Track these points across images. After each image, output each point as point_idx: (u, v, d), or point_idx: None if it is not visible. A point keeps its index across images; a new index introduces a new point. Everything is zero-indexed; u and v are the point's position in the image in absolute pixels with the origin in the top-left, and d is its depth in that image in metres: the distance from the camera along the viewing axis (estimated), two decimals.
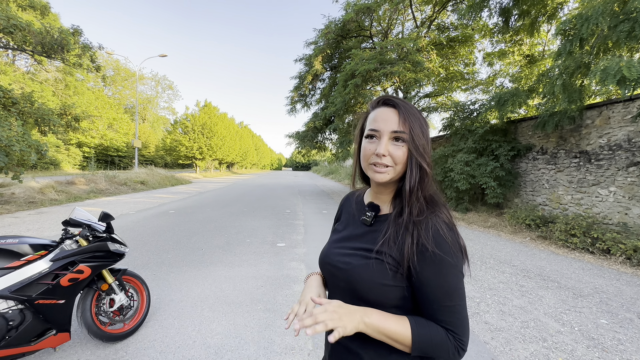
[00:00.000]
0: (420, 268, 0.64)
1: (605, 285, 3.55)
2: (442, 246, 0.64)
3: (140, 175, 15.52)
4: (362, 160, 0.73)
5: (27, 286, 1.75)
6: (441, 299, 0.64)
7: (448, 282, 0.64)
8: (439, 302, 0.64)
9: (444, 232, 0.65)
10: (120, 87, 40.59)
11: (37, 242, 1.92)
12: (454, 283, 0.64)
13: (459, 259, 0.65)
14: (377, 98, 0.74)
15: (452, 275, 0.64)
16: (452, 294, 0.64)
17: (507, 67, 11.61)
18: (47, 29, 8.16)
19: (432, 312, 0.65)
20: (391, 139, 0.69)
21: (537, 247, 5.29)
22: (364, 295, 0.68)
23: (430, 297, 0.65)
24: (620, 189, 5.32)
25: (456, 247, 0.65)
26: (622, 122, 5.34)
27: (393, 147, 0.68)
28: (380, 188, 0.76)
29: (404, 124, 0.68)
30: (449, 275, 0.64)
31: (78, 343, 2.15)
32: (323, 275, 0.85)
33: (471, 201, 8.32)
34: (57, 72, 21.97)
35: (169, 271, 3.63)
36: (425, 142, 0.69)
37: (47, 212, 7.41)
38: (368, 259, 0.69)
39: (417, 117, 0.70)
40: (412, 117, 0.69)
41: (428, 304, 0.65)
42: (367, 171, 0.72)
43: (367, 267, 0.68)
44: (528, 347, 2.27)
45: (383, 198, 0.77)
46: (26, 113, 7.87)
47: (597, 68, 3.74)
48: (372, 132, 0.70)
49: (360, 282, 0.68)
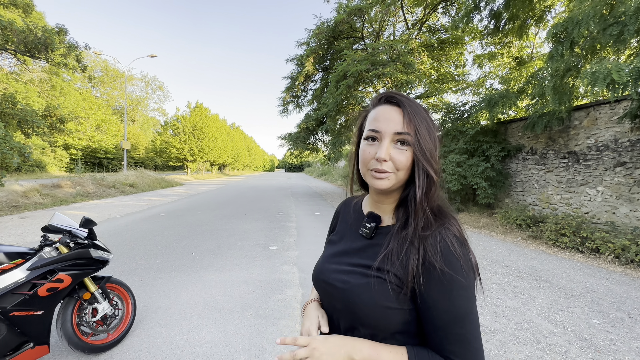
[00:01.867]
0: (426, 289, 0.56)
1: (595, 285, 3.59)
2: (452, 264, 0.55)
3: (129, 177, 15.21)
4: (361, 165, 0.65)
5: (1, 297, 1.65)
6: (450, 325, 0.55)
7: (458, 305, 0.55)
8: (447, 329, 0.55)
9: (454, 248, 0.56)
10: (109, 88, 39.85)
11: (13, 250, 1.82)
12: (465, 307, 0.55)
13: (471, 278, 0.57)
14: (379, 94, 0.65)
15: (463, 297, 0.55)
16: (462, 319, 0.55)
17: (496, 69, 11.78)
18: (30, 27, 7.92)
19: (438, 340, 0.56)
20: (394, 141, 0.60)
21: (528, 247, 5.34)
22: (363, 318, 0.61)
23: (437, 323, 0.56)
24: (607, 188, 5.41)
25: (468, 264, 0.57)
26: (609, 122, 5.44)
27: (395, 150, 0.60)
28: (381, 196, 0.68)
29: (409, 124, 0.59)
30: (459, 298, 0.55)
31: (58, 355, 2.05)
32: (318, 293, 0.76)
33: (463, 202, 8.38)
34: (42, 72, 21.39)
35: (157, 277, 3.52)
36: (433, 147, 0.61)
37: (30, 216, 7.17)
38: (368, 277, 0.61)
39: (425, 117, 0.62)
40: (419, 117, 0.60)
41: (434, 330, 0.57)
42: (365, 177, 0.64)
43: (367, 287, 0.61)
44: (522, 350, 2.26)
45: (384, 207, 0.69)
46: (8, 114, 7.62)
47: (586, 72, 3.79)
48: (373, 133, 0.62)
49: (359, 304, 0.61)
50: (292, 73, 14.04)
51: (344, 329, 0.66)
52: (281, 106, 15.03)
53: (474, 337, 0.56)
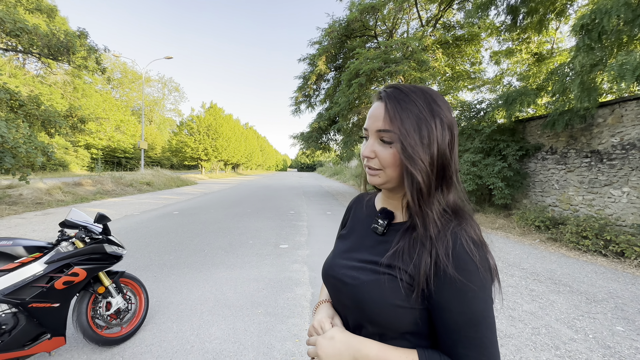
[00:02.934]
0: (439, 290, 0.54)
1: (620, 290, 3.41)
2: (467, 266, 0.53)
3: (146, 176, 15.63)
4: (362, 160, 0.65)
5: (21, 289, 1.71)
6: (463, 328, 0.52)
7: (473, 308, 0.52)
8: (461, 332, 0.52)
9: (470, 249, 0.53)
10: (128, 90, 41.10)
11: (32, 244, 1.89)
12: (481, 310, 0.52)
13: (488, 281, 0.54)
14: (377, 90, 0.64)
15: (478, 300, 0.52)
16: (477, 323, 0.52)
17: (514, 65, 11.39)
18: (53, 31, 8.25)
19: (451, 343, 0.53)
20: (379, 138, 0.59)
21: (547, 249, 5.14)
22: (373, 316, 0.59)
23: (450, 326, 0.53)
24: (634, 189, 5.14)
25: (485, 266, 0.54)
26: (636, 120, 5.17)
27: (380, 148, 0.59)
28: (388, 192, 0.67)
29: (390, 121, 0.57)
30: (474, 300, 0.52)
31: (74, 347, 2.11)
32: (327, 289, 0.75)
33: (478, 202, 8.16)
34: (65, 75, 22.31)
35: (170, 273, 3.59)
36: (419, 142, 0.56)
37: (53, 213, 7.47)
38: (378, 274, 0.59)
39: (413, 109, 0.57)
40: (406, 111, 0.57)
41: (447, 333, 0.54)
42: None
43: (377, 284, 0.59)
44: (540, 356, 2.16)
45: (395, 203, 0.67)
46: (33, 115, 7.96)
47: (613, 64, 3.59)
48: (364, 131, 0.63)
49: (369, 301, 0.59)
50: (304, 72, 14.05)
51: (353, 327, 0.65)
52: (293, 105, 15.06)
53: (490, 341, 0.52)
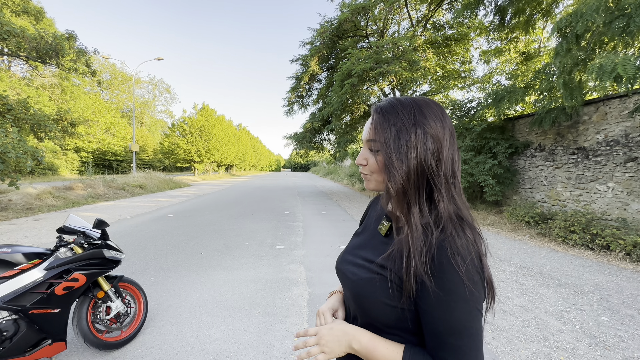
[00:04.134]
0: (424, 295, 0.56)
1: (605, 282, 3.54)
2: (451, 276, 0.54)
3: (138, 179, 15.47)
4: None
5: (21, 296, 1.72)
6: (444, 334, 0.54)
7: (455, 317, 0.53)
8: (442, 338, 0.55)
9: (456, 261, 0.54)
10: (117, 91, 40.52)
11: (31, 250, 1.90)
12: (463, 319, 0.53)
13: (475, 292, 0.54)
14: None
15: (461, 309, 0.53)
16: (459, 332, 0.53)
17: (503, 64, 11.61)
18: (41, 34, 8.13)
19: (433, 345, 0.56)
20: (368, 148, 0.67)
21: (536, 244, 5.28)
22: (365, 310, 0.65)
23: (432, 330, 0.56)
24: (618, 184, 5.32)
25: (472, 277, 0.54)
26: (619, 117, 5.35)
27: (370, 155, 0.66)
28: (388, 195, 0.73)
29: (375, 131, 0.64)
30: (457, 311, 0.53)
31: (75, 352, 2.13)
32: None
33: (470, 199, 8.32)
34: (53, 77, 21.93)
35: (167, 276, 3.60)
36: (394, 151, 0.60)
37: (44, 218, 7.37)
38: (373, 273, 0.64)
39: (396, 121, 0.61)
40: (388, 122, 0.62)
41: (430, 336, 0.57)
42: None
43: (371, 282, 0.63)
44: (529, 347, 2.25)
45: None
46: (22, 119, 7.84)
47: (593, 65, 3.73)
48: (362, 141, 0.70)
49: (363, 296, 0.64)
50: (296, 73, 14.09)
51: (352, 316, 0.73)
52: (286, 106, 15.09)
53: (471, 350, 0.54)
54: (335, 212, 8.87)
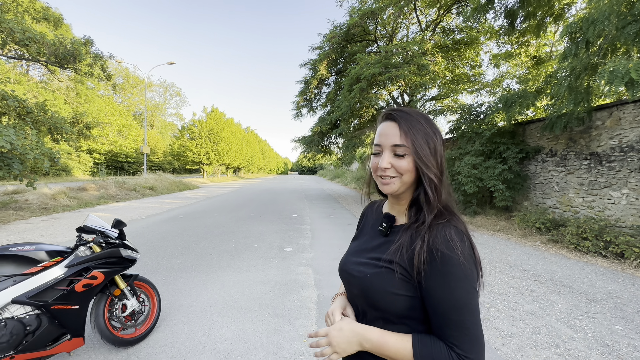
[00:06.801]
0: (427, 279, 0.63)
1: (619, 290, 3.47)
2: (450, 257, 0.62)
3: (149, 180, 15.76)
4: (373, 174, 0.76)
5: (44, 292, 1.80)
6: (448, 312, 0.61)
7: (455, 295, 0.61)
8: (446, 315, 0.62)
9: (454, 242, 0.63)
10: (130, 95, 41.43)
11: (53, 248, 1.98)
12: (463, 297, 0.61)
13: (471, 271, 0.62)
14: (383, 112, 0.76)
15: (460, 288, 0.61)
16: (460, 308, 0.61)
17: (514, 68, 11.52)
18: (60, 40, 8.41)
19: (439, 325, 0.63)
20: (393, 152, 0.70)
21: (547, 251, 5.20)
22: (375, 302, 0.70)
23: (437, 310, 0.63)
24: (633, 191, 5.21)
25: (468, 258, 0.62)
26: (634, 122, 5.25)
27: (395, 159, 0.70)
28: (394, 199, 0.77)
29: (405, 137, 0.69)
30: (457, 289, 0.61)
31: (91, 348, 2.20)
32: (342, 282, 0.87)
33: (479, 204, 8.23)
34: (68, 80, 22.54)
35: (178, 276, 3.68)
36: (430, 153, 0.69)
37: (59, 218, 7.57)
38: (380, 268, 0.70)
39: (420, 128, 0.70)
40: (414, 129, 0.69)
41: (435, 316, 0.64)
42: (377, 183, 0.76)
43: (378, 276, 0.69)
44: (540, 354, 2.23)
45: (398, 208, 0.78)
46: (40, 122, 8.09)
47: (604, 70, 3.69)
48: (376, 147, 0.74)
49: (371, 289, 0.70)
50: (305, 77, 14.19)
51: (361, 312, 0.77)
52: (295, 110, 15.20)
53: (472, 324, 0.61)
54: (343, 216, 8.88)
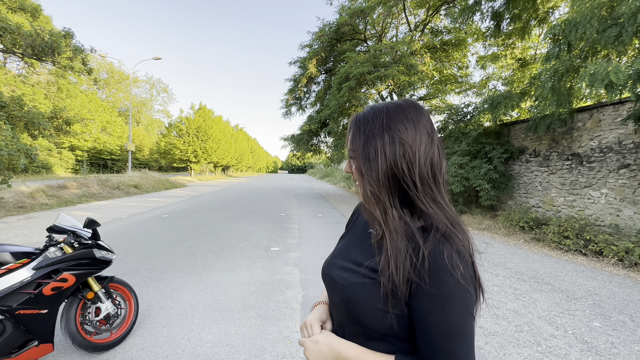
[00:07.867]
0: (417, 299, 0.55)
1: (598, 288, 3.56)
2: (446, 279, 0.53)
3: (133, 178, 15.34)
4: None
5: (7, 296, 1.69)
6: (438, 339, 0.53)
7: (449, 321, 0.53)
8: (436, 343, 0.53)
9: (451, 263, 0.53)
10: (114, 90, 40.31)
11: (19, 249, 1.86)
12: (458, 324, 0.53)
13: (469, 295, 0.54)
14: None
15: (455, 314, 0.53)
16: (453, 336, 0.53)
17: (500, 70, 11.74)
18: (37, 31, 8.06)
19: (427, 351, 0.55)
20: (349, 157, 0.68)
21: (530, 249, 5.31)
22: (357, 316, 0.62)
23: (426, 335, 0.55)
24: (611, 190, 5.37)
25: (468, 280, 0.54)
26: (613, 124, 5.41)
27: (351, 164, 0.68)
28: None
29: (352, 141, 0.66)
30: (451, 315, 0.53)
31: (62, 354, 2.09)
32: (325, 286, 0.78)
33: (465, 203, 8.35)
34: (49, 75, 21.72)
35: (159, 277, 3.56)
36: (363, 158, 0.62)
37: (36, 217, 7.27)
38: (365, 277, 0.62)
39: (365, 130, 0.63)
40: (359, 132, 0.64)
41: (424, 342, 0.55)
42: None
43: (363, 287, 0.61)
44: (522, 352, 2.25)
45: None
46: (15, 117, 7.75)
47: (585, 72, 3.78)
48: None
49: (354, 302, 0.62)
50: (294, 75, 14.11)
51: (339, 323, 0.69)
52: (284, 108, 15.09)
53: (464, 353, 0.53)
54: (332, 215, 8.86)
